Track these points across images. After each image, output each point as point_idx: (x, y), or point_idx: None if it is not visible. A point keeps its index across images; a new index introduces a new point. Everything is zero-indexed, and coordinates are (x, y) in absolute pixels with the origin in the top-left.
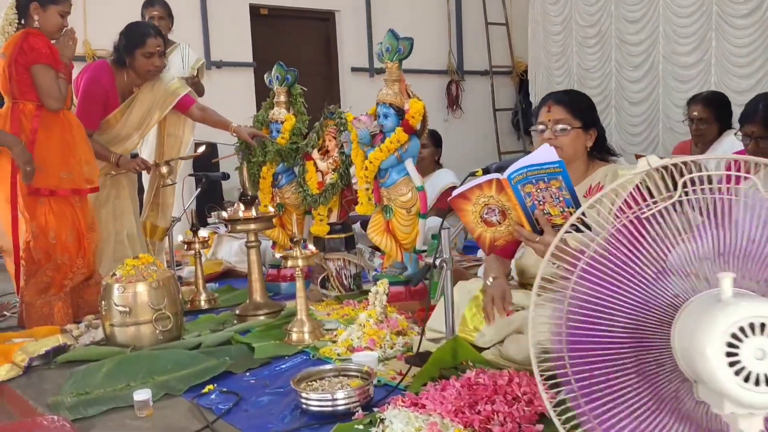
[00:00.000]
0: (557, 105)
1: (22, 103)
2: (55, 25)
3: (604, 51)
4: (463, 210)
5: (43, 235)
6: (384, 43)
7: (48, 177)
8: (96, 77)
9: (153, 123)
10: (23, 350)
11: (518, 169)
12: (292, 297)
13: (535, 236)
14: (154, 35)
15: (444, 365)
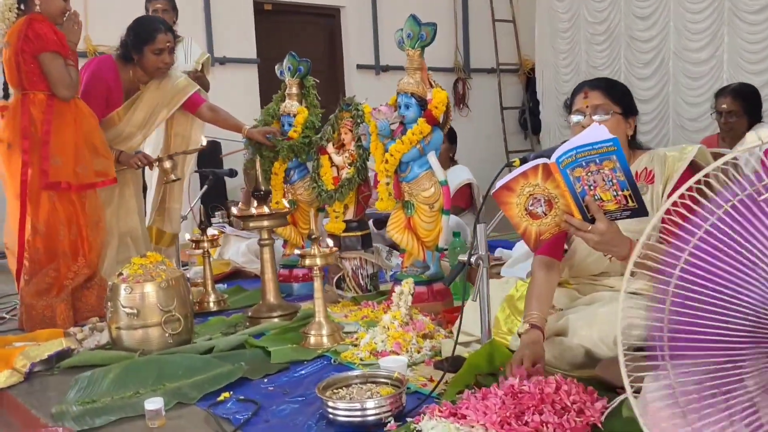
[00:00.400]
0: (594, 90)
1: (32, 94)
2: (58, 8)
3: (614, 48)
4: (507, 203)
5: (47, 231)
6: (405, 29)
7: (65, 171)
8: (99, 72)
9: (158, 122)
10: (24, 355)
11: (567, 152)
12: (305, 298)
13: (587, 225)
14: (164, 30)
15: (480, 371)
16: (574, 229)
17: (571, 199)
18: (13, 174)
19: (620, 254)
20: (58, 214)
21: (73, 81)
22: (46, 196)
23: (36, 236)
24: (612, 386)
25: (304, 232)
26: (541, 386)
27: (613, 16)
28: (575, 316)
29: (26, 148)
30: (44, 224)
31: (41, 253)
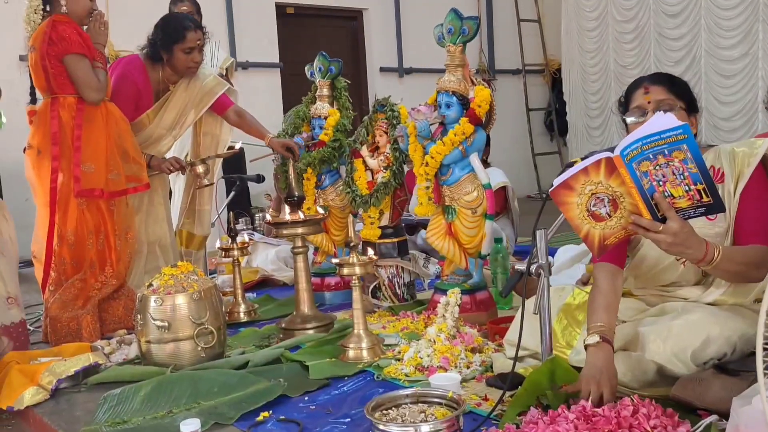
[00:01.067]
0: (656, 85)
1: (62, 97)
2: (84, 8)
3: (643, 47)
4: (566, 203)
5: (75, 240)
6: (445, 24)
7: (98, 177)
8: (127, 74)
9: (188, 124)
10: (50, 371)
11: (632, 144)
12: (338, 308)
13: (657, 225)
14: (193, 28)
15: (541, 390)
16: (643, 230)
17: (638, 196)
18: (42, 181)
19: (695, 257)
20: (86, 222)
21: (101, 83)
22: (75, 204)
23: (63, 245)
24: (692, 407)
25: (336, 239)
26: (617, 409)
27: (642, 14)
28: (646, 329)
29: (56, 154)
30: (73, 233)
31: (68, 263)
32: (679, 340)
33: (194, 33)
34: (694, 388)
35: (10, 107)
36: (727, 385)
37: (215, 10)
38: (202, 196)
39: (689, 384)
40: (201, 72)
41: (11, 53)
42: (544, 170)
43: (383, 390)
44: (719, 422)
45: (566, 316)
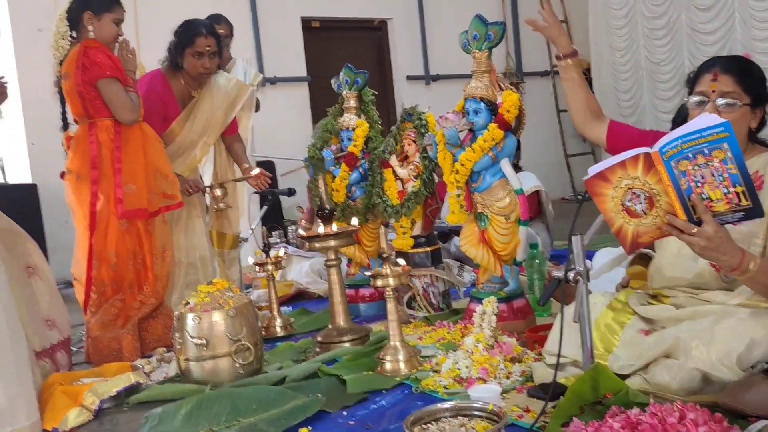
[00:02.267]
0: (726, 74)
1: (99, 121)
2: (110, 34)
3: (675, 42)
4: (600, 195)
5: (117, 262)
6: (470, 30)
7: (140, 197)
8: (151, 89)
9: (217, 129)
10: (93, 392)
11: (671, 141)
12: (373, 319)
13: (692, 227)
14: (205, 34)
15: (585, 400)
16: (677, 231)
17: (675, 196)
18: (82, 205)
19: (729, 264)
20: (126, 243)
21: (135, 104)
22: (115, 225)
23: (102, 267)
24: (742, 414)
25: (368, 250)
26: (663, 415)
27: (672, 9)
28: (687, 335)
29: (95, 178)
30: (114, 254)
31: (107, 284)
32: (723, 345)
33: (204, 39)
34: (743, 395)
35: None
36: None
37: (242, 27)
38: (236, 197)
39: (738, 390)
40: (224, 76)
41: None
42: (577, 171)
43: (422, 403)
44: None
45: (603, 323)
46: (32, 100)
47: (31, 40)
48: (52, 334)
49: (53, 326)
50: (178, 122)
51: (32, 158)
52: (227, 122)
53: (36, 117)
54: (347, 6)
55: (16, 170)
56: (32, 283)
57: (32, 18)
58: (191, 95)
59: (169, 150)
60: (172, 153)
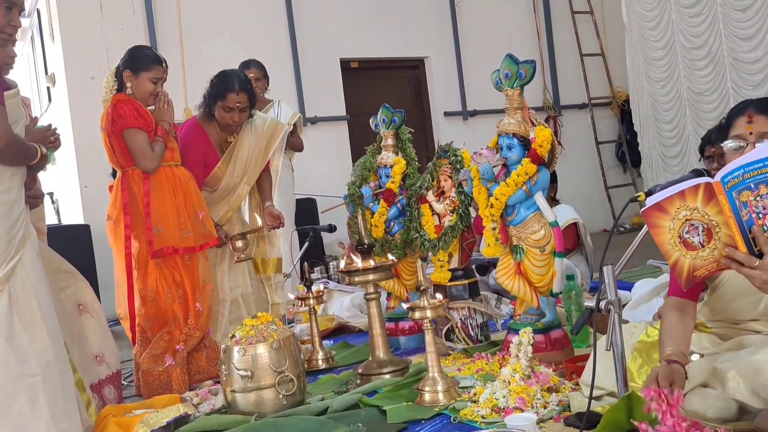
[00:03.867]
0: (761, 114)
1: (130, 170)
2: (146, 91)
3: (717, 72)
4: (657, 227)
5: (155, 298)
6: (502, 69)
7: (169, 237)
8: (188, 139)
9: (257, 169)
10: (144, 422)
11: (733, 171)
12: (413, 351)
13: (754, 260)
14: (237, 91)
15: (620, 428)
16: (737, 265)
17: (736, 227)
18: (119, 248)
19: None
20: (165, 279)
21: (155, 153)
22: (153, 264)
23: (145, 305)
24: None
25: (407, 284)
26: None
27: (713, 39)
28: (724, 366)
29: (128, 223)
30: (153, 291)
31: (151, 320)
32: (759, 376)
33: (236, 95)
34: None
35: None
36: None
37: (284, 68)
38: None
39: None
40: (260, 117)
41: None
42: (618, 203)
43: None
44: None
45: (640, 354)
46: (85, 144)
47: (84, 88)
48: (100, 369)
49: (102, 361)
50: (219, 167)
51: (85, 200)
52: (266, 161)
53: (88, 161)
54: (385, 47)
55: (70, 212)
56: (83, 320)
57: (85, 67)
58: (228, 140)
59: (215, 194)
60: (218, 197)
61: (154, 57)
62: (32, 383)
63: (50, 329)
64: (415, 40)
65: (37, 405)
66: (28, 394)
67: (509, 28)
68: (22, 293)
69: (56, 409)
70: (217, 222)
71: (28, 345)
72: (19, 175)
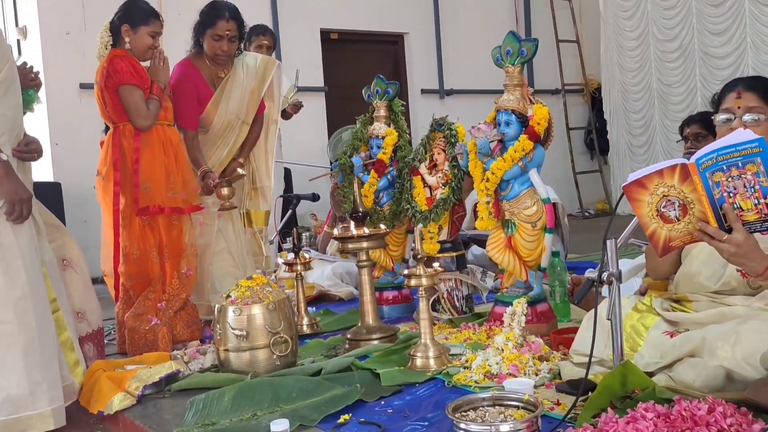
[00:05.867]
0: (749, 91)
1: (122, 126)
2: (145, 45)
3: (687, 65)
4: (637, 200)
5: (140, 256)
6: (504, 45)
7: (155, 195)
8: (181, 76)
9: (253, 107)
10: (137, 378)
11: (708, 154)
12: (396, 321)
13: (723, 234)
14: (227, 18)
15: (614, 394)
16: (708, 238)
17: (708, 204)
18: (107, 204)
19: (756, 270)
20: (148, 238)
21: (151, 112)
22: (138, 222)
23: (128, 263)
24: (765, 409)
25: (394, 254)
26: (691, 409)
27: (685, 33)
28: (712, 336)
29: (117, 179)
30: (138, 250)
31: (134, 279)
32: (748, 345)
33: (226, 22)
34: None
35: (70, 133)
36: None
37: None
38: (260, 173)
39: (762, 387)
40: (250, 55)
41: (72, 81)
42: (585, 188)
43: (456, 395)
44: None
45: (629, 325)
46: (56, 101)
47: (58, 44)
48: (81, 326)
49: (83, 318)
50: (212, 103)
51: (55, 158)
52: (260, 99)
53: (59, 118)
54: (366, 19)
55: (41, 169)
56: (66, 275)
57: (61, 21)
58: (219, 76)
59: (209, 135)
60: (212, 137)
61: (151, 11)
62: (6, 330)
63: (31, 279)
64: (396, 15)
65: (11, 353)
66: (4, 340)
67: (488, 10)
68: (6, 239)
69: (30, 359)
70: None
71: (6, 291)
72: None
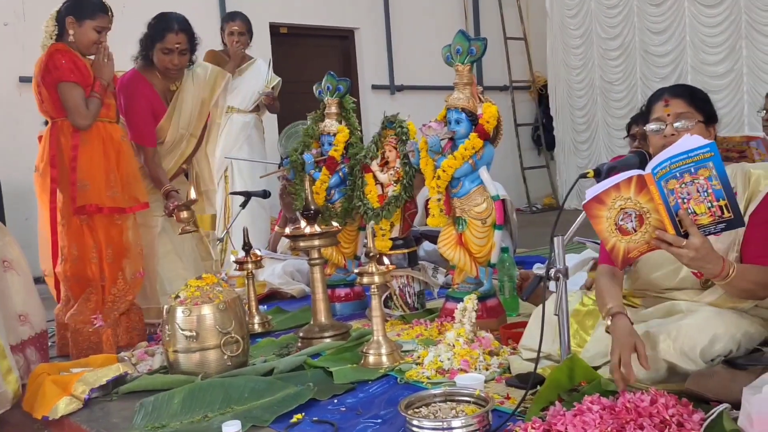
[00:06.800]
0: (676, 98)
1: (60, 121)
2: (89, 40)
3: (629, 63)
4: (596, 217)
5: (78, 256)
6: (453, 44)
7: (92, 194)
8: (133, 91)
9: (201, 119)
10: (83, 381)
11: (662, 162)
12: (348, 318)
13: (681, 240)
14: (176, 30)
15: (561, 388)
16: (666, 245)
17: (665, 212)
18: (44, 202)
19: (713, 272)
20: (87, 239)
21: (90, 111)
22: (77, 221)
23: (66, 263)
24: (704, 399)
25: (346, 252)
26: (635, 401)
27: (627, 31)
28: (655, 330)
29: (54, 176)
30: (76, 250)
31: (72, 279)
32: (688, 339)
33: (175, 35)
34: (706, 382)
35: (9, 126)
36: (737, 377)
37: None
38: (203, 177)
39: (701, 378)
40: (200, 65)
41: (11, 74)
42: (532, 184)
43: (408, 392)
44: (731, 412)
45: (576, 321)
46: None
47: None
48: (23, 329)
49: (25, 321)
50: (165, 118)
51: None
52: (208, 110)
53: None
54: (316, 14)
55: None
56: (7, 277)
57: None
58: (171, 89)
59: (163, 148)
60: (163, 151)
61: (100, 5)
62: None
63: None
64: (346, 10)
65: None
66: None
67: (438, 6)
68: None
69: None
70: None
71: None
72: None
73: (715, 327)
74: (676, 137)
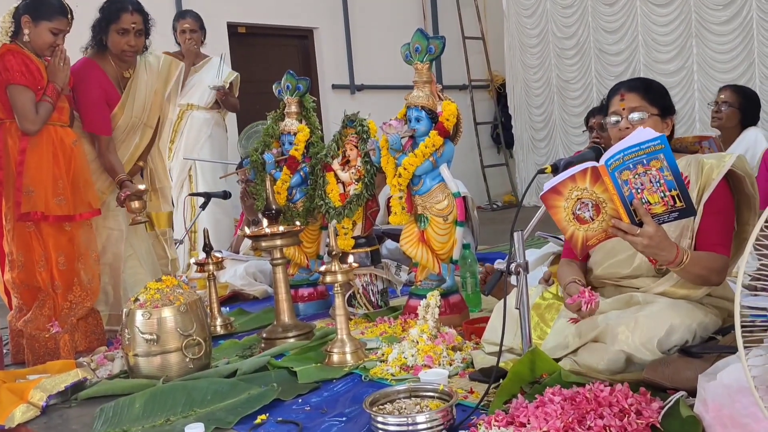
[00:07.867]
0: (631, 92)
1: (8, 122)
2: (45, 42)
3: (584, 62)
4: (554, 207)
5: (25, 263)
6: (412, 43)
7: (38, 201)
8: (84, 77)
9: (156, 110)
10: (40, 388)
11: (615, 154)
12: (312, 318)
13: (635, 229)
14: (131, 10)
15: (523, 380)
16: (622, 233)
17: (619, 202)
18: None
19: (667, 259)
20: (34, 246)
21: (39, 116)
22: (23, 227)
23: (14, 270)
24: (661, 388)
25: (308, 251)
26: (595, 391)
27: (582, 30)
28: (614, 322)
29: (0, 179)
30: (23, 256)
31: (21, 286)
32: (646, 331)
33: (130, 15)
34: (663, 370)
35: None
36: (692, 366)
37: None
38: (158, 173)
39: (659, 367)
40: (153, 55)
41: None
42: (492, 181)
43: (373, 389)
44: (687, 399)
45: (536, 314)
46: None
47: None
48: None
49: None
50: (119, 106)
51: None
52: (163, 100)
53: None
54: (274, 13)
55: None
56: None
57: None
58: (125, 76)
59: (116, 134)
60: (119, 140)
61: (59, 6)
62: None
63: None
64: (305, 9)
65: None
66: None
67: (397, 6)
68: None
69: None
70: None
71: None
72: None
73: (671, 318)
74: (631, 130)
